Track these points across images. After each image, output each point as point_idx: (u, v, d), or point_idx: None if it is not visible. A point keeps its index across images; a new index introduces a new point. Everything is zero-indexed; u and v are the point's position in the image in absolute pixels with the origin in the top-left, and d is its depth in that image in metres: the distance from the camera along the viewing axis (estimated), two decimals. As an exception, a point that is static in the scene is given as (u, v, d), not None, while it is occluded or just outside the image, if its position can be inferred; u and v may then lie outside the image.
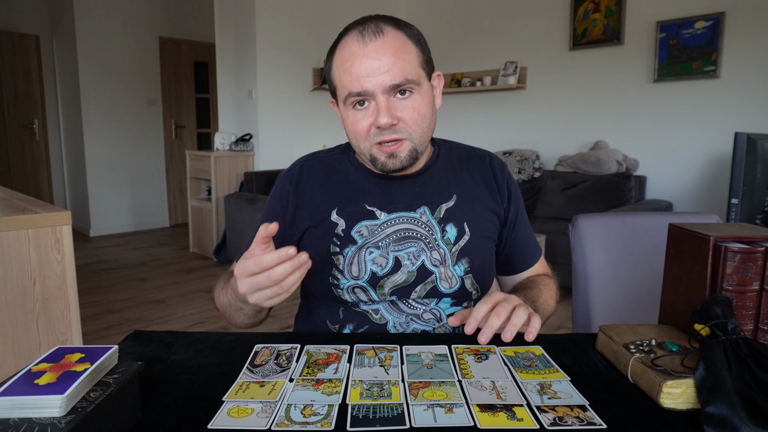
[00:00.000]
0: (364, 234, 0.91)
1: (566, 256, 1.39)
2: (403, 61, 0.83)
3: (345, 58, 0.84)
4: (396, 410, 0.58)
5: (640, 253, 1.26)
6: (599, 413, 0.58)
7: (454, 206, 0.94)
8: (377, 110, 0.83)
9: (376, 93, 0.82)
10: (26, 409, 0.49)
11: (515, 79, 4.41)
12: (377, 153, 0.87)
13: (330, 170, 0.98)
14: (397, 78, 0.82)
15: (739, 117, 3.38)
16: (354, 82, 0.83)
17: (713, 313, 0.62)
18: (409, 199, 0.93)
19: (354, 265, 0.91)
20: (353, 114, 0.86)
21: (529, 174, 4.24)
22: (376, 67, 0.81)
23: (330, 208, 0.93)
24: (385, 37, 0.83)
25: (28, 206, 1.52)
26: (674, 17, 3.58)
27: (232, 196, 4.07)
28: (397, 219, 0.92)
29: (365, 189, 0.94)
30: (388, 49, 0.82)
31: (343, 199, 0.94)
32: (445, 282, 0.92)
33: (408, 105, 0.84)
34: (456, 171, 0.99)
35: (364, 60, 0.82)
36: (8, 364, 1.36)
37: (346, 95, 0.85)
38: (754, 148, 1.59)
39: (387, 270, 0.91)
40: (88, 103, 5.15)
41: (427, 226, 0.92)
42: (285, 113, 4.51)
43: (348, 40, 0.84)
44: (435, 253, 0.92)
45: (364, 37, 0.83)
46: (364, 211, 0.92)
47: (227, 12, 4.47)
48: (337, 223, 0.92)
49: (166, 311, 3.21)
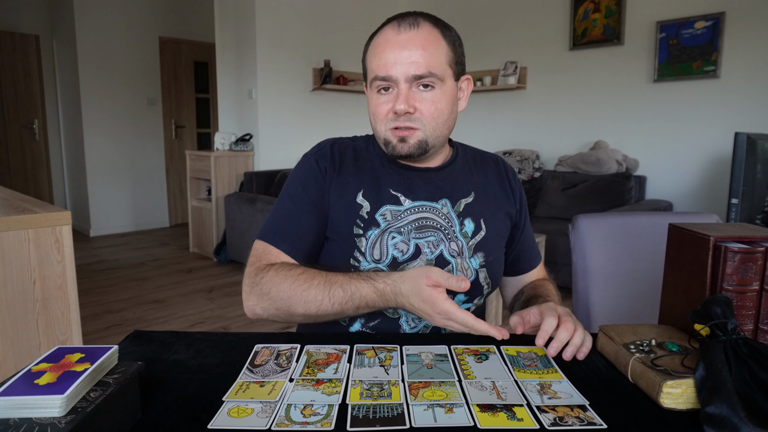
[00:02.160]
0: (387, 218, 0.93)
1: (566, 256, 1.39)
2: (431, 54, 0.86)
3: (378, 44, 0.89)
4: (396, 410, 0.58)
5: (640, 253, 1.26)
6: (599, 413, 0.58)
7: (472, 202, 0.98)
8: (397, 96, 0.87)
9: (399, 80, 0.87)
10: (26, 409, 0.49)
11: (515, 79, 4.41)
12: (390, 136, 0.91)
13: (356, 154, 1.00)
14: (421, 69, 0.86)
15: (739, 117, 3.38)
16: (381, 67, 0.87)
17: (713, 313, 0.62)
18: (431, 190, 0.96)
19: (376, 248, 0.92)
20: (376, 97, 0.91)
21: (529, 174, 4.24)
22: (404, 57, 0.86)
23: (356, 190, 0.95)
24: (419, 30, 0.87)
25: (28, 206, 1.52)
26: (674, 17, 3.58)
27: (232, 196, 4.07)
28: (420, 207, 0.94)
29: (389, 175, 0.96)
30: (419, 42, 0.86)
31: (369, 182, 0.96)
32: (461, 273, 0.94)
33: (427, 97, 0.88)
34: (473, 171, 1.03)
35: (394, 48, 0.86)
36: (8, 364, 1.36)
37: (373, 78, 0.90)
38: (754, 148, 1.59)
39: (408, 256, 0.92)
40: (88, 103, 5.15)
41: (447, 218, 0.95)
42: (285, 113, 4.51)
43: (386, 28, 0.89)
44: (453, 244, 0.94)
45: (400, 27, 0.87)
46: (389, 195, 0.94)
47: (227, 12, 4.47)
48: (362, 205, 0.94)
49: (166, 311, 3.21)
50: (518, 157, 4.30)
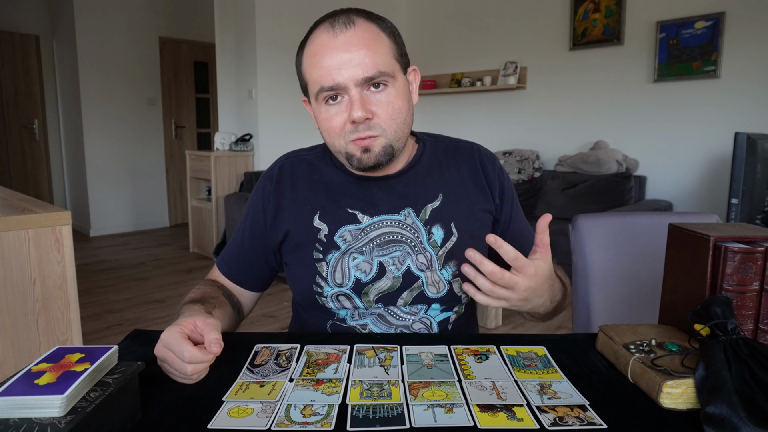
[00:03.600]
0: (347, 239, 0.88)
1: (566, 256, 1.39)
2: (375, 53, 0.80)
3: (314, 52, 0.81)
4: (396, 410, 0.58)
5: (640, 253, 1.26)
6: (599, 413, 0.58)
7: (440, 206, 0.90)
8: (350, 104, 0.80)
9: (349, 86, 0.79)
10: (26, 409, 0.49)
11: (515, 79, 4.41)
12: (352, 149, 0.83)
13: (311, 169, 0.95)
14: (370, 70, 0.79)
15: (739, 117, 3.38)
16: (325, 75, 0.79)
17: (713, 313, 0.62)
18: (392, 201, 0.90)
19: (337, 271, 0.88)
20: (326, 110, 0.83)
21: (529, 174, 4.24)
22: (347, 60, 0.78)
23: (312, 213, 0.90)
24: (356, 28, 0.80)
25: (28, 206, 1.52)
26: (674, 17, 3.58)
27: (232, 196, 4.07)
28: (380, 222, 0.89)
29: (346, 191, 0.91)
30: (360, 41, 0.79)
31: (324, 202, 0.91)
32: (432, 287, 0.89)
33: (382, 99, 0.81)
34: (442, 168, 0.94)
35: (334, 53, 0.79)
36: (8, 364, 1.36)
37: (317, 90, 0.81)
38: (754, 148, 1.59)
39: (371, 276, 0.88)
40: (88, 103, 5.15)
41: (413, 229, 0.89)
42: (285, 113, 4.51)
43: (318, 33, 0.81)
44: (421, 256, 0.88)
45: (335, 29, 0.80)
46: (346, 215, 0.89)
47: (227, 12, 4.47)
48: (319, 228, 0.89)
49: (166, 311, 3.21)
50: (518, 157, 4.30)
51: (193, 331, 0.70)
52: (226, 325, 0.88)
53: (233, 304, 0.95)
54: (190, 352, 0.65)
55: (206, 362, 0.67)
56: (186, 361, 0.64)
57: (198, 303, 0.84)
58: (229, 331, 0.91)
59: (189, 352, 0.65)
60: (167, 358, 0.66)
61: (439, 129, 3.88)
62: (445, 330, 0.93)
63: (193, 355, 0.65)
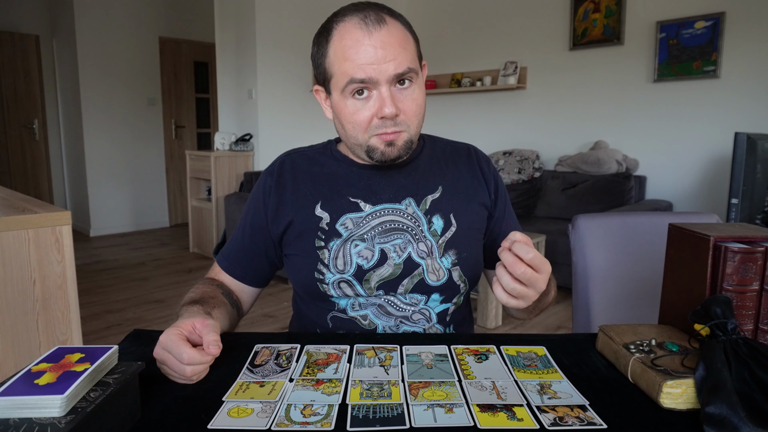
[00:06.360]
0: (348, 227, 0.90)
1: (566, 256, 1.39)
2: (406, 51, 0.84)
3: (348, 46, 0.82)
4: (396, 410, 0.58)
5: (640, 253, 1.26)
6: (599, 413, 0.58)
7: (440, 197, 0.94)
8: (381, 100, 0.83)
9: (380, 82, 0.82)
10: (26, 409, 0.49)
11: (515, 79, 4.41)
12: (376, 142, 0.86)
13: (311, 163, 0.97)
14: (401, 67, 0.82)
15: (739, 117, 3.38)
16: (358, 69, 0.81)
17: (713, 313, 0.62)
18: (394, 190, 0.93)
19: (339, 258, 0.90)
20: (352, 103, 0.85)
21: (529, 174, 4.24)
22: (381, 57, 0.81)
23: (313, 203, 0.92)
24: (389, 27, 0.83)
25: (28, 206, 1.52)
26: (674, 17, 3.58)
27: (232, 196, 4.07)
28: (382, 211, 0.91)
29: (348, 181, 0.94)
30: (394, 40, 0.83)
31: (326, 191, 0.93)
32: (433, 274, 0.91)
33: (408, 96, 0.85)
34: (441, 163, 0.98)
35: (370, 49, 0.81)
36: (8, 364, 1.36)
37: (347, 82, 0.83)
38: (754, 148, 1.59)
39: (373, 263, 0.89)
40: (88, 103, 5.15)
41: (413, 218, 0.91)
42: (285, 113, 4.51)
43: (349, 27, 0.83)
44: (422, 244, 0.91)
45: (368, 26, 0.82)
46: (348, 203, 0.91)
47: (227, 12, 4.47)
48: (321, 217, 0.91)
49: (166, 311, 3.21)
50: (518, 157, 4.29)
51: (192, 332, 0.70)
52: (226, 325, 0.89)
53: (232, 302, 0.96)
54: (188, 353, 0.65)
55: (205, 363, 0.67)
56: (185, 363, 0.65)
57: (197, 304, 0.84)
58: (228, 330, 0.91)
59: (187, 353, 0.65)
60: (166, 360, 0.66)
61: (438, 129, 3.87)
62: (443, 320, 0.94)
63: (191, 357, 0.65)
